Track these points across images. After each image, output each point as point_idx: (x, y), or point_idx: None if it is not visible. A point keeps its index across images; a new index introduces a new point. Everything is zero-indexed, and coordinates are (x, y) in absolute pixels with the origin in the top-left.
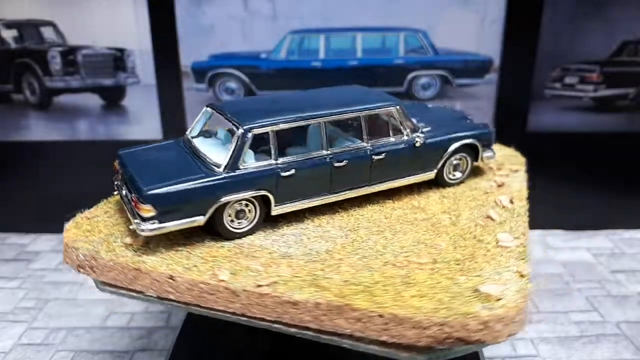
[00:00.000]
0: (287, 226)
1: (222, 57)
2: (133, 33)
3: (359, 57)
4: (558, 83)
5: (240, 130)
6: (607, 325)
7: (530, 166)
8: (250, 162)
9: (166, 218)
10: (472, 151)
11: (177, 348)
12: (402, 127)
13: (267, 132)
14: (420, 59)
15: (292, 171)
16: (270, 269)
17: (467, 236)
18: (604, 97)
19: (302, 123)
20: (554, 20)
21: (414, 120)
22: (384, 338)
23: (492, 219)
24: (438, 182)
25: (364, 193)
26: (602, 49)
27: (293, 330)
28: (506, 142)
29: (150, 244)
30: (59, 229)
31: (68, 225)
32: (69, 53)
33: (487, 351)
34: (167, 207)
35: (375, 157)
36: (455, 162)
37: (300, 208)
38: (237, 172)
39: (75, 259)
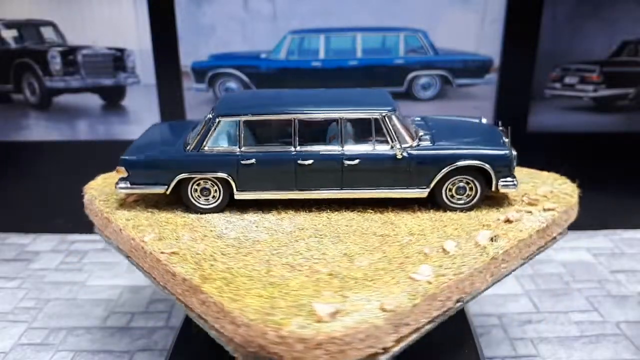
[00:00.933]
0: (253, 213)
1: (222, 57)
2: (133, 33)
3: (359, 57)
4: (558, 83)
5: (209, 116)
6: (607, 325)
7: (530, 166)
8: (215, 147)
9: (136, 181)
10: (483, 176)
11: (177, 348)
12: (388, 136)
13: (237, 121)
14: (420, 59)
15: (253, 160)
16: (192, 242)
17: (396, 260)
18: (604, 97)
19: (273, 117)
20: (554, 20)
21: (414, 131)
22: (217, 326)
23: (445, 251)
24: (437, 204)
25: (335, 197)
26: (602, 49)
27: (172, 297)
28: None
29: (130, 203)
30: (59, 229)
31: (100, 176)
32: (69, 53)
33: (487, 351)
34: (135, 172)
35: (348, 162)
36: (459, 184)
37: (263, 198)
38: (199, 153)
39: (85, 200)
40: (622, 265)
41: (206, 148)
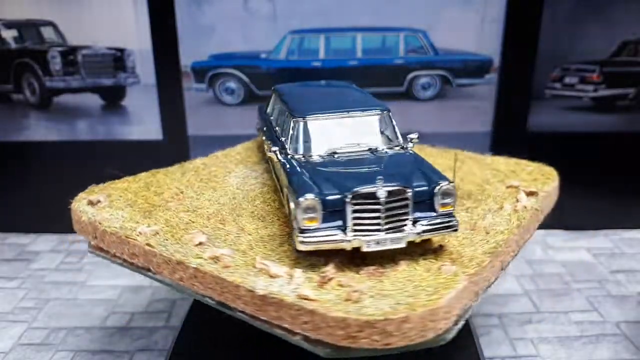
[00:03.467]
0: None
1: (222, 57)
2: (133, 33)
3: (359, 57)
4: (558, 83)
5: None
6: (607, 325)
7: None
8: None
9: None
10: None
11: (177, 348)
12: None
13: None
14: (420, 59)
15: None
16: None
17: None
18: (604, 97)
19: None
20: (554, 20)
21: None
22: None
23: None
24: None
25: None
26: (602, 49)
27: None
28: (506, 142)
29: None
30: (59, 229)
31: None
32: (69, 53)
33: (487, 351)
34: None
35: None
36: None
37: None
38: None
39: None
40: (622, 265)
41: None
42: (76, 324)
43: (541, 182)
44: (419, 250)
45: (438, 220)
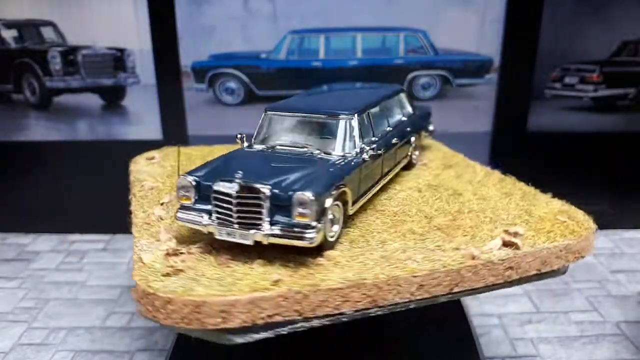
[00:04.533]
0: None
1: (222, 57)
2: (133, 33)
3: (359, 57)
4: (558, 83)
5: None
6: (607, 325)
7: (530, 166)
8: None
9: None
10: None
11: (177, 348)
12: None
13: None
14: (420, 59)
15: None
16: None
17: None
18: (604, 97)
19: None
20: (554, 20)
21: None
22: None
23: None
24: None
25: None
26: (602, 49)
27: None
28: (506, 141)
29: None
30: (59, 229)
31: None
32: (69, 53)
33: (487, 351)
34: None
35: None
36: None
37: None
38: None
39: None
40: (622, 265)
41: None
42: (76, 324)
43: (558, 234)
44: (293, 257)
45: (292, 229)
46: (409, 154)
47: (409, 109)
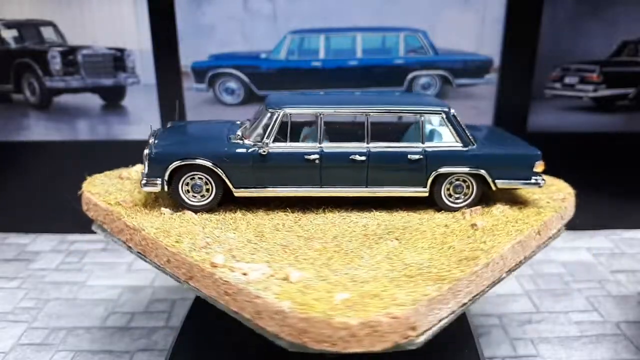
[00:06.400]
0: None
1: (222, 57)
2: (133, 33)
3: (359, 57)
4: (558, 83)
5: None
6: (607, 325)
7: None
8: None
9: None
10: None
11: (177, 348)
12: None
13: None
14: (420, 59)
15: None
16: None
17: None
18: (604, 97)
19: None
20: (554, 20)
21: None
22: None
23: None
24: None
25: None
26: (602, 49)
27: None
28: None
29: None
30: (59, 229)
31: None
32: (69, 53)
33: (487, 351)
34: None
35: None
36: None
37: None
38: None
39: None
40: (622, 265)
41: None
42: (76, 324)
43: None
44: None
45: None
46: (428, 189)
47: (445, 137)
